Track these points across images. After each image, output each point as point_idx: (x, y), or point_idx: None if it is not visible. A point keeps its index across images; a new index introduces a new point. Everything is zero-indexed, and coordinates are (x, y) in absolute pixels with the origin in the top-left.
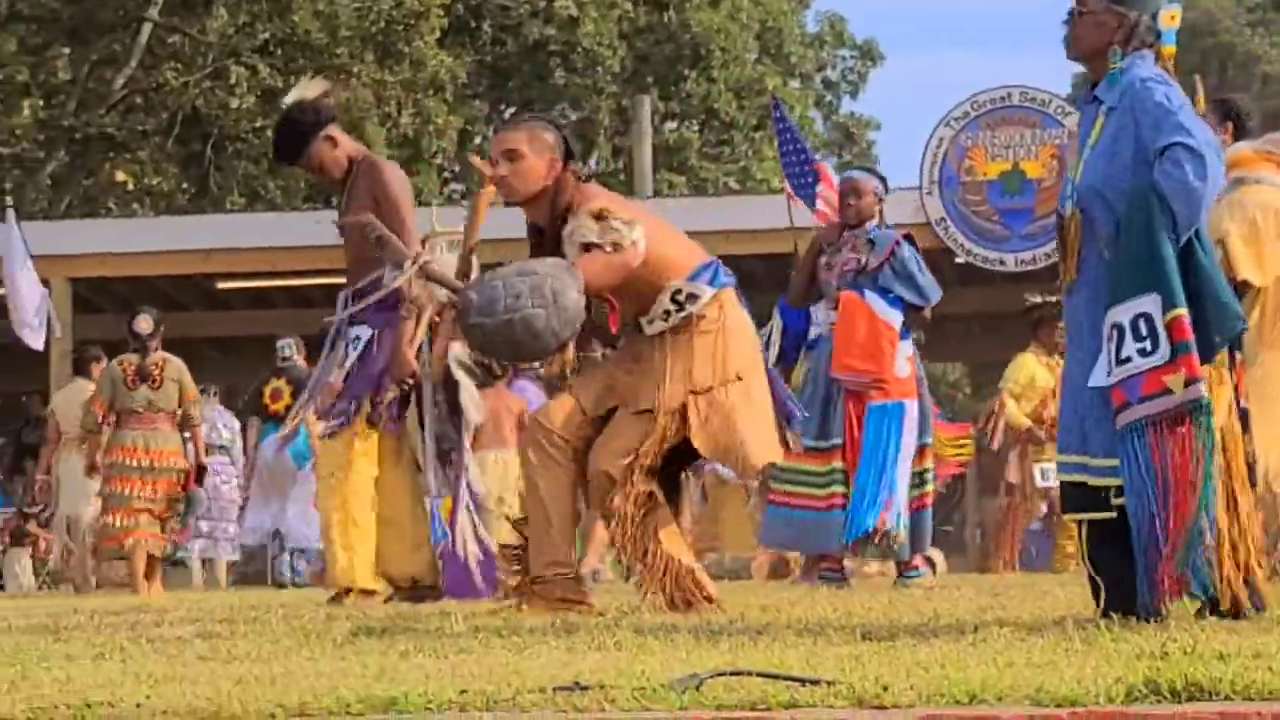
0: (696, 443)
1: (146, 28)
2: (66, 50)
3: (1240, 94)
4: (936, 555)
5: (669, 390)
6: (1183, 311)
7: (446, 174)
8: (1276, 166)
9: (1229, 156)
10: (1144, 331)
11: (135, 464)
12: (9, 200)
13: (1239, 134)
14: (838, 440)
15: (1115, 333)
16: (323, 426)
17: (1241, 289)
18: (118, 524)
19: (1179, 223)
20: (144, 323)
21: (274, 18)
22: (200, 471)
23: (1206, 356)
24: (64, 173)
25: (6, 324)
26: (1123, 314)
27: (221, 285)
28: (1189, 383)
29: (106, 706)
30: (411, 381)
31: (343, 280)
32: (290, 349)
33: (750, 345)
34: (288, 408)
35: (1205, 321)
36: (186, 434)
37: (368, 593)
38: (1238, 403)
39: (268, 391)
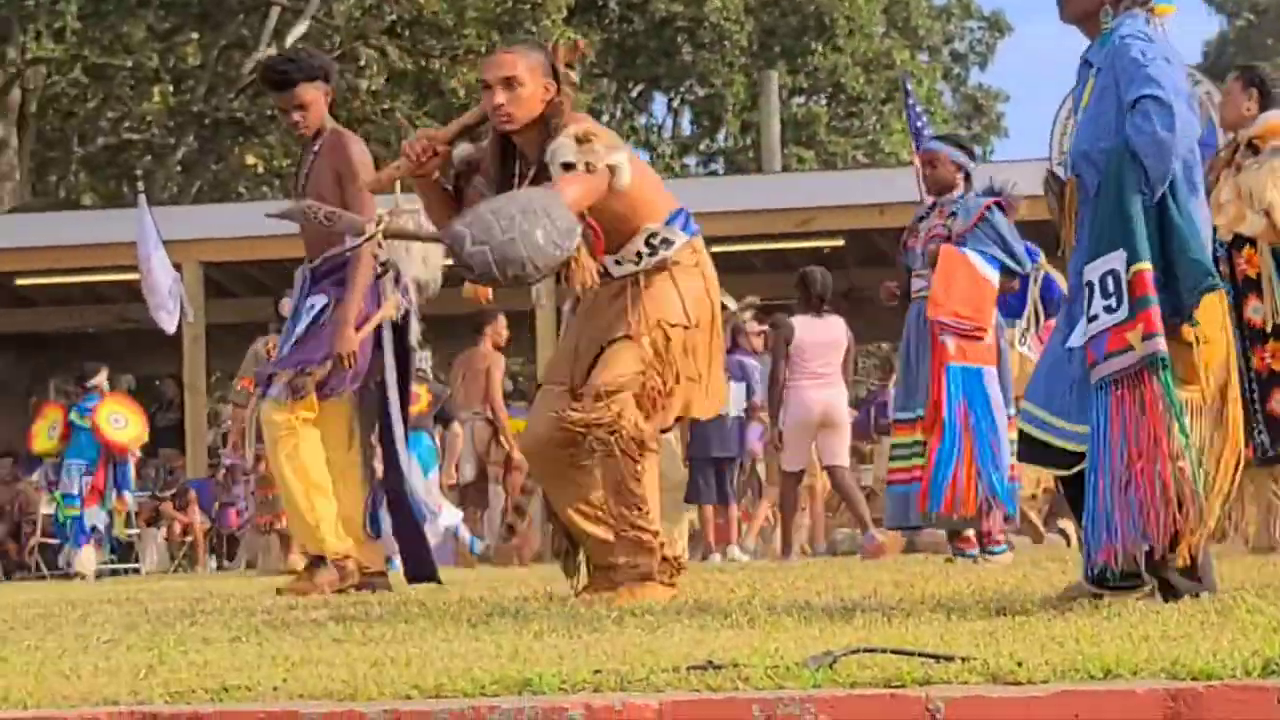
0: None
1: (275, 11)
2: (195, 35)
3: (1267, 63)
4: (1069, 527)
5: (647, 310)
6: (1145, 266)
7: None
8: None
9: (1262, 125)
10: (1110, 288)
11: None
12: (140, 186)
13: (1265, 102)
14: (920, 411)
15: (1087, 290)
16: (272, 392)
17: None
18: (270, 499)
19: (1150, 175)
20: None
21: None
22: None
23: (1180, 313)
24: (194, 157)
25: (140, 308)
26: (1094, 271)
27: None
28: (1146, 337)
29: (243, 690)
30: (352, 362)
31: None
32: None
33: (717, 295)
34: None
35: (1178, 278)
36: None
37: (340, 556)
38: None
39: None
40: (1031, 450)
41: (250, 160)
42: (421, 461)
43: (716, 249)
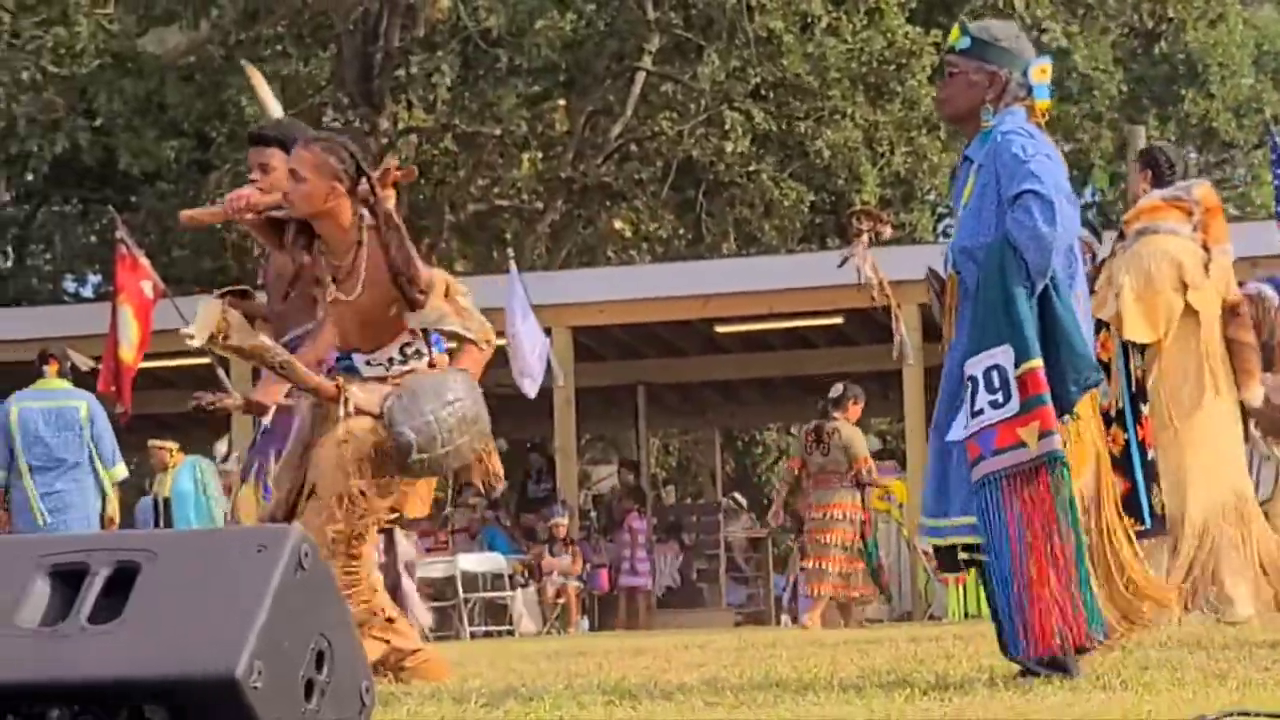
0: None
1: (640, 77)
2: (562, 102)
3: (1167, 143)
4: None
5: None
6: (1036, 364)
7: (940, 209)
8: (1184, 214)
9: (1139, 205)
10: (996, 383)
11: (811, 516)
12: (510, 251)
13: (1158, 182)
14: None
15: (970, 384)
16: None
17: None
18: (812, 567)
19: (1031, 270)
20: (832, 390)
21: (764, 62)
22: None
23: (1064, 408)
24: (562, 223)
25: (508, 372)
26: (977, 366)
27: (719, 329)
28: (1043, 435)
29: None
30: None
31: (836, 320)
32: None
33: None
34: None
35: (1061, 372)
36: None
37: None
38: (1144, 453)
39: None
40: (945, 558)
41: (618, 225)
42: None
43: None
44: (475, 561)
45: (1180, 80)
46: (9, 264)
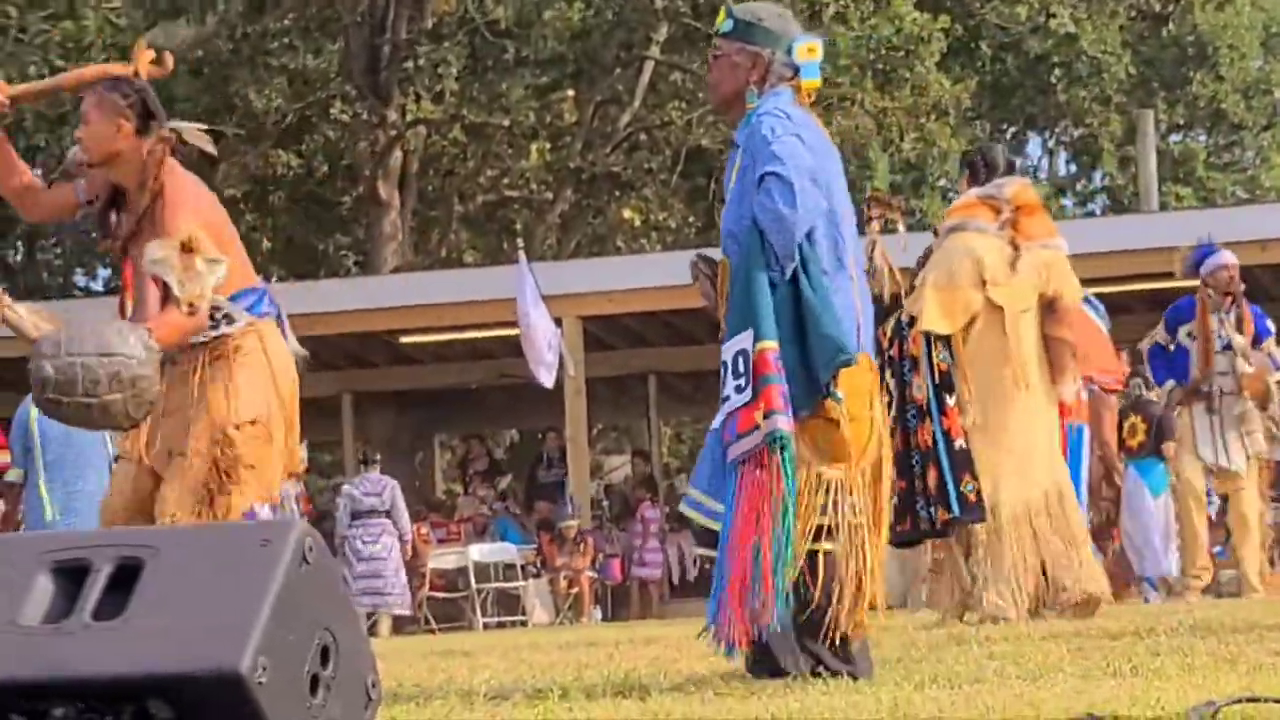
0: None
1: (648, 66)
2: (571, 92)
3: (994, 144)
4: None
5: (198, 430)
6: (768, 344)
7: (951, 196)
8: (993, 212)
9: (955, 203)
10: (740, 369)
11: None
12: (520, 242)
13: (974, 182)
14: None
15: (722, 371)
16: None
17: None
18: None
19: (777, 253)
20: None
21: None
22: None
23: (816, 390)
24: (572, 213)
25: (520, 363)
26: (727, 352)
27: None
28: (766, 415)
29: None
30: None
31: None
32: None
33: (287, 380)
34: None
35: (811, 353)
36: None
37: None
38: (950, 443)
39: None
40: (700, 533)
41: (627, 214)
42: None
43: (1094, 290)
44: (487, 552)
45: (1189, 63)
46: (19, 258)
